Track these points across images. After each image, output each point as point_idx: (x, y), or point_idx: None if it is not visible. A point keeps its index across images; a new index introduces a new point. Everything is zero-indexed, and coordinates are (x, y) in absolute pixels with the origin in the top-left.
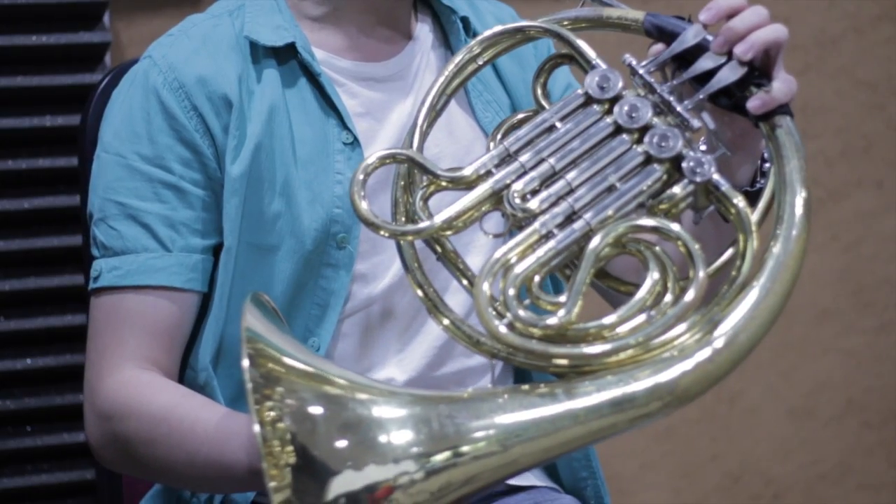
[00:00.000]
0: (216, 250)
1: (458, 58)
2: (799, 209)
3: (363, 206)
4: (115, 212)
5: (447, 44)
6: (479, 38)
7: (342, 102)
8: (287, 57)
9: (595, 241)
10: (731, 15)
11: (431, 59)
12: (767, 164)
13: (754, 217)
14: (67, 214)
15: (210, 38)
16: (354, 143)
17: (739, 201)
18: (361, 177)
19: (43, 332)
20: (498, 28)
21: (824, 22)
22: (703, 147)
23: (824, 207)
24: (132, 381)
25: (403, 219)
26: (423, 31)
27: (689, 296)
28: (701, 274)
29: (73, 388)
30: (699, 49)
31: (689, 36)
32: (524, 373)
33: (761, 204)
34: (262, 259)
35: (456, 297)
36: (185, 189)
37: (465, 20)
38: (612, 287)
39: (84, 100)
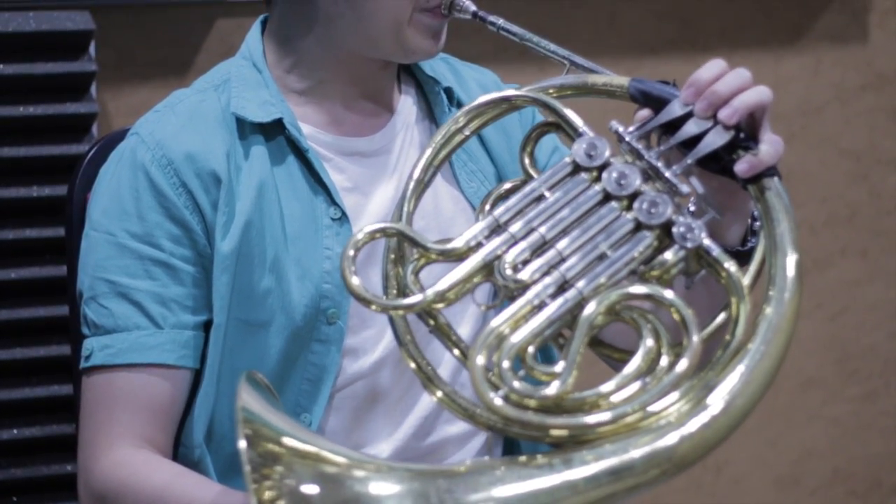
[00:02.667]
0: (207, 326)
1: (444, 129)
2: (791, 271)
3: (354, 281)
4: (106, 290)
5: (431, 115)
6: (465, 109)
7: (330, 178)
8: (274, 133)
9: (588, 310)
10: (713, 81)
11: (415, 135)
12: (758, 223)
13: (746, 280)
14: (54, 285)
15: (197, 113)
16: (342, 218)
17: (731, 265)
18: (352, 252)
19: (29, 403)
20: (483, 98)
21: (808, 92)
22: (692, 208)
23: (809, 276)
24: (126, 460)
25: (395, 292)
26: (407, 104)
27: (684, 362)
28: (695, 340)
29: (60, 458)
30: (685, 113)
31: (676, 107)
32: (515, 440)
33: (753, 267)
34: (252, 335)
35: (445, 366)
36: (176, 266)
37: (448, 91)
38: (606, 354)
39: (71, 170)
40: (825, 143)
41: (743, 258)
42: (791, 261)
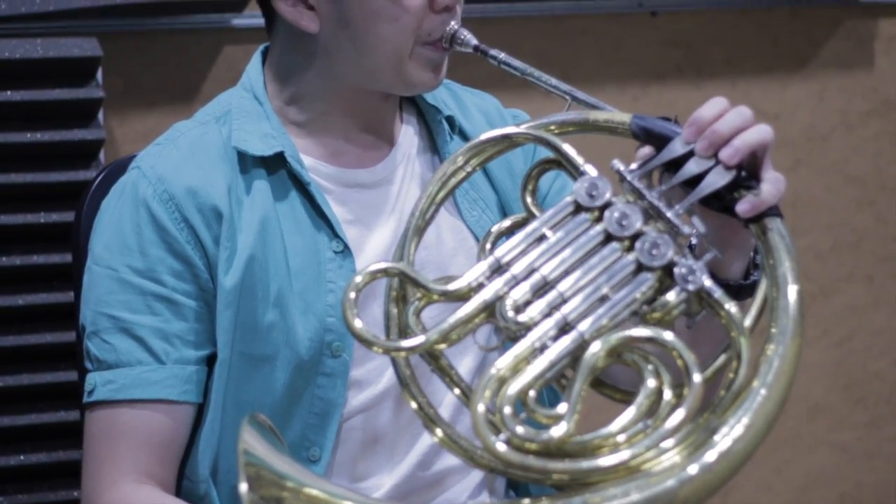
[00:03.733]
0: (210, 360)
1: (443, 169)
2: (793, 313)
3: (357, 324)
4: (108, 325)
5: (433, 145)
6: (464, 147)
7: (332, 211)
8: (276, 166)
9: (590, 353)
10: (714, 120)
11: (416, 167)
12: (759, 256)
13: (747, 322)
14: (61, 311)
15: (198, 147)
16: (345, 251)
17: (732, 307)
18: (353, 295)
19: (36, 429)
20: (484, 136)
21: (814, 118)
22: (693, 241)
23: (815, 302)
24: (130, 496)
25: (396, 331)
26: (408, 133)
27: (686, 405)
28: (696, 382)
29: (66, 484)
30: (686, 152)
31: (678, 146)
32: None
33: (754, 309)
34: (257, 369)
35: (446, 404)
36: (178, 301)
37: (450, 119)
38: (608, 395)
39: (78, 196)
40: (831, 170)
41: (745, 292)
42: (793, 302)
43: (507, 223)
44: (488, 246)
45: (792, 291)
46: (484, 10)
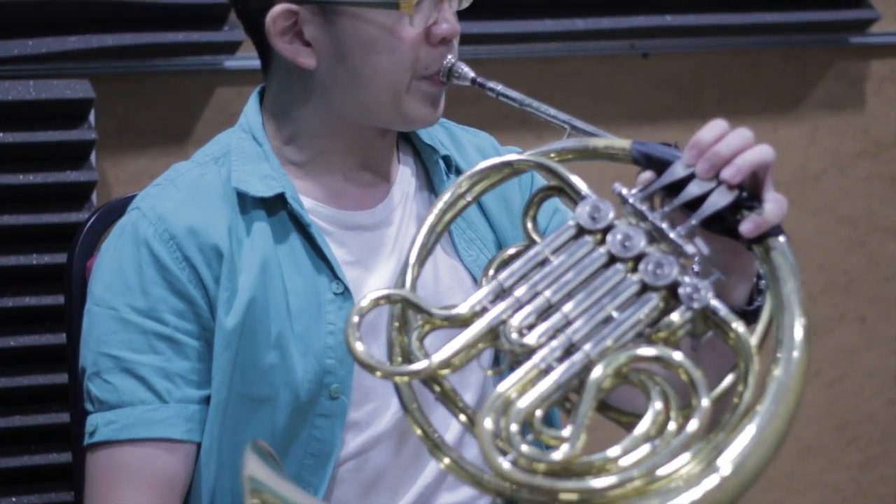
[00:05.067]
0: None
1: (447, 195)
2: (798, 331)
3: (359, 347)
4: (110, 365)
5: (430, 185)
6: (468, 174)
7: (332, 253)
8: (276, 207)
9: (596, 373)
10: (715, 142)
11: (413, 208)
12: (763, 282)
13: (754, 341)
14: (53, 353)
15: (198, 187)
16: (345, 292)
17: (738, 326)
18: (356, 319)
19: (28, 471)
20: (486, 163)
21: (806, 159)
22: (696, 269)
23: None
24: None
25: (399, 359)
26: (405, 174)
27: (693, 425)
28: (704, 402)
29: None
30: (688, 175)
31: (679, 169)
32: None
33: (760, 327)
34: (256, 410)
35: (449, 433)
36: (180, 340)
37: (446, 158)
38: (613, 418)
39: (71, 238)
40: (823, 210)
41: (749, 317)
42: (798, 321)
43: (511, 251)
44: (491, 272)
45: (797, 311)
46: (476, 51)
